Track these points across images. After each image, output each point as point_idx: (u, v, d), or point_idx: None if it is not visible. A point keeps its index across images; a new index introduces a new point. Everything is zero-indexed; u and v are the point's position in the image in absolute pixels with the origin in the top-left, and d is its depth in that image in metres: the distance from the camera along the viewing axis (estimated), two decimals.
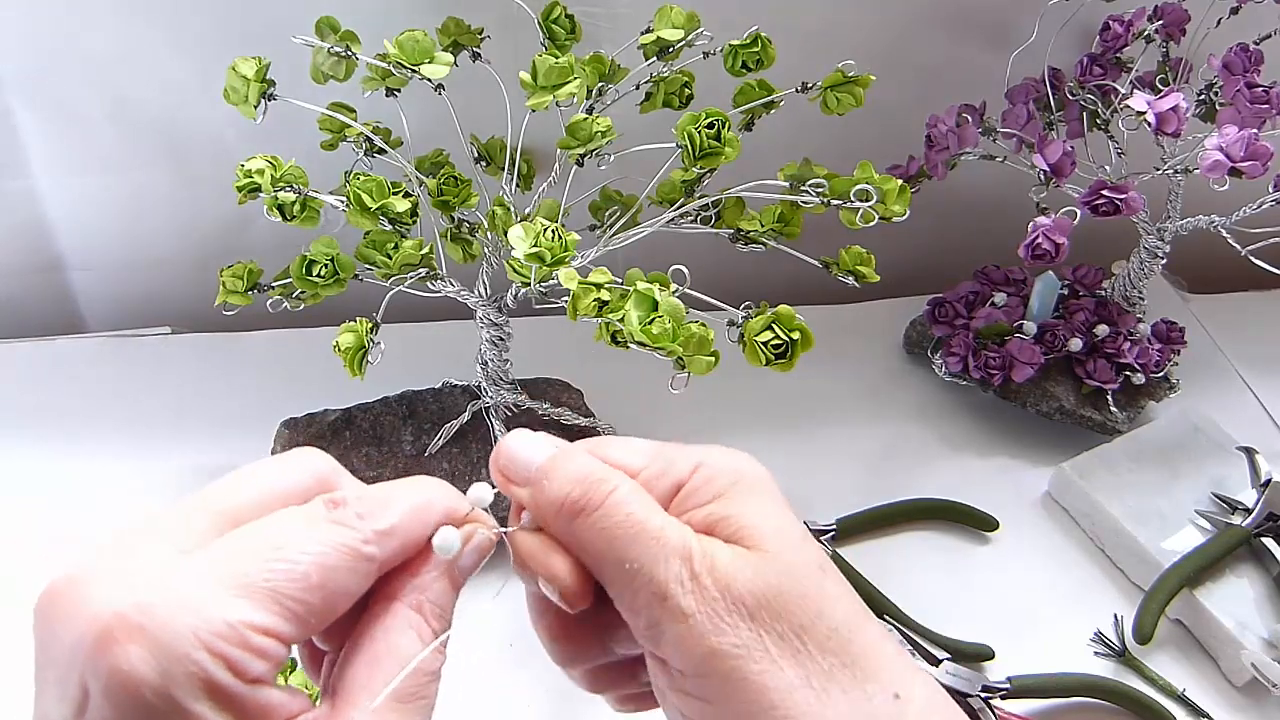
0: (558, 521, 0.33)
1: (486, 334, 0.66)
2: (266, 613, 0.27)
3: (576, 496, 0.33)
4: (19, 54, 0.72)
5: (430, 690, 0.31)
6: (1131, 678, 0.64)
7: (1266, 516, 0.69)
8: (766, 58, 0.61)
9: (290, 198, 0.56)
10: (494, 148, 0.67)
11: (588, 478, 0.33)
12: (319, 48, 0.59)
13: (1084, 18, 0.76)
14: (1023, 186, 0.72)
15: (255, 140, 0.63)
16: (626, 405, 0.74)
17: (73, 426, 0.75)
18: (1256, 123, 0.67)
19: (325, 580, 0.29)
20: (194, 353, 0.82)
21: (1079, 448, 0.75)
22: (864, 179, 0.57)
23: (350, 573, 0.30)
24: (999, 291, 0.83)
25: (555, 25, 0.62)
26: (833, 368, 0.83)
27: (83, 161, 0.78)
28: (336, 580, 0.29)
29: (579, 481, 0.33)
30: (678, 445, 0.35)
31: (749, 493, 0.33)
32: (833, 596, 0.31)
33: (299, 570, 0.28)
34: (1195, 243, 0.77)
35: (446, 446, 0.69)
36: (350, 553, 0.30)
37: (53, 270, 0.84)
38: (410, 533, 0.32)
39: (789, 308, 0.55)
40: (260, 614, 0.27)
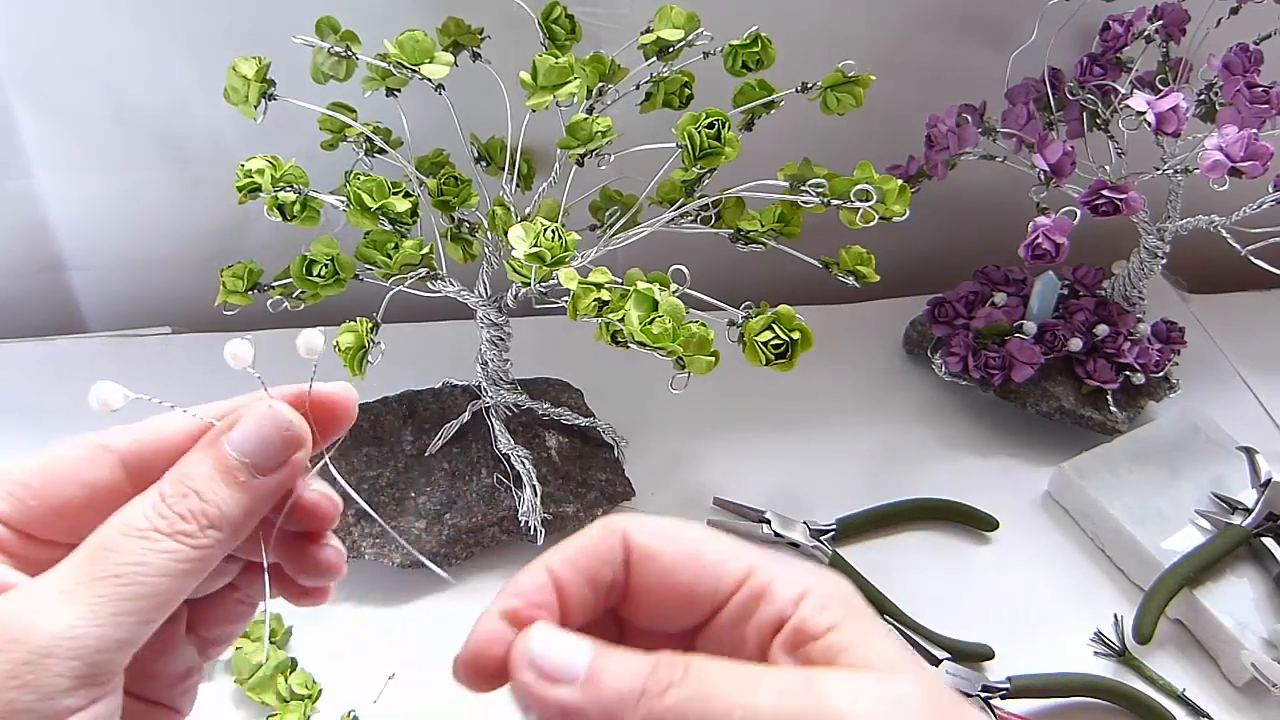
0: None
1: (486, 334, 0.66)
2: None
3: (649, 689, 0.26)
4: (19, 54, 0.72)
5: (144, 559, 0.28)
6: (1131, 678, 0.64)
7: (1266, 516, 0.69)
8: (766, 58, 0.61)
9: (290, 198, 0.56)
10: (494, 148, 0.67)
11: (649, 666, 0.26)
12: (319, 48, 0.59)
13: (1084, 18, 0.76)
14: (1023, 186, 0.72)
15: (255, 140, 0.63)
16: (626, 405, 0.74)
17: (73, 426, 0.74)
18: (1256, 123, 0.67)
19: (48, 465, 0.30)
20: (194, 353, 0.82)
21: (1079, 448, 0.75)
22: (864, 179, 0.57)
23: (83, 462, 0.30)
24: (999, 291, 0.83)
25: (555, 25, 0.62)
26: (833, 368, 0.83)
27: (83, 161, 0.78)
28: (59, 464, 0.30)
29: (638, 675, 0.26)
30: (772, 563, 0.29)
31: (861, 616, 0.28)
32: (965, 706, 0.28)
33: (23, 458, 0.30)
34: (1195, 243, 0.77)
35: (446, 446, 0.69)
36: (78, 440, 0.31)
37: (53, 270, 0.84)
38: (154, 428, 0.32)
39: (789, 308, 0.55)
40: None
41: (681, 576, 0.29)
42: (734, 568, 0.29)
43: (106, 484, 0.31)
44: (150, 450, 0.32)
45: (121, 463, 0.31)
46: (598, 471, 0.70)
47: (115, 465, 0.31)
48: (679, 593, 0.29)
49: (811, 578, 0.29)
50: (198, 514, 0.29)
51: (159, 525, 0.28)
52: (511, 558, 0.68)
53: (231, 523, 0.30)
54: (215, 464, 0.30)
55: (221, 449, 0.30)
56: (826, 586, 0.29)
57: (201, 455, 0.30)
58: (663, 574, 0.29)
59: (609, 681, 0.26)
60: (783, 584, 0.28)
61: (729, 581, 0.29)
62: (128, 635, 0.27)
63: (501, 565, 0.68)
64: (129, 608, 0.27)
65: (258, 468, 0.30)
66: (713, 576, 0.29)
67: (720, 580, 0.29)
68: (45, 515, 0.30)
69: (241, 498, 0.30)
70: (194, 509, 0.29)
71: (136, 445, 0.31)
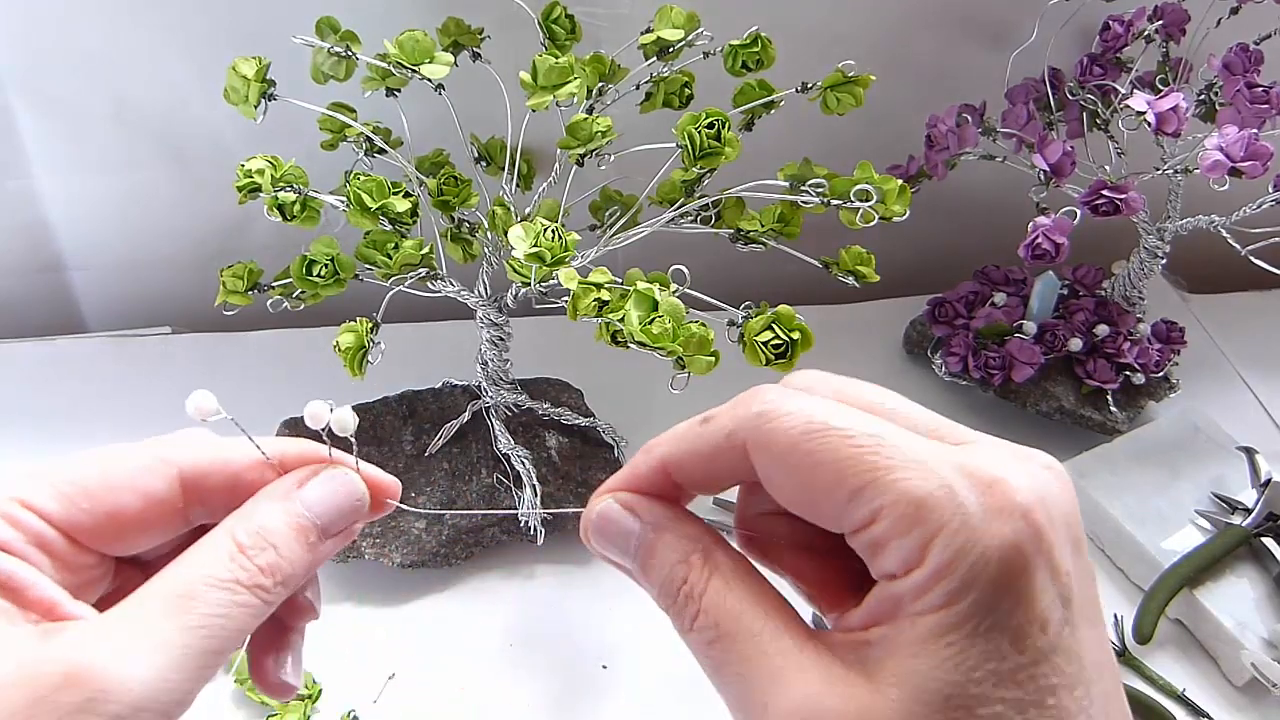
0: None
1: (486, 334, 0.66)
2: (28, 487, 0.28)
3: (675, 611, 0.28)
4: (19, 53, 0.72)
5: (225, 610, 0.28)
6: (1131, 678, 0.64)
7: (1266, 516, 0.69)
8: (766, 58, 0.61)
9: (290, 198, 0.56)
10: (494, 148, 0.67)
11: (675, 586, 0.28)
12: (319, 48, 0.59)
13: (1084, 18, 0.76)
14: (1023, 186, 0.72)
15: (255, 140, 0.63)
16: (626, 405, 0.74)
17: (73, 426, 0.75)
18: (1256, 123, 0.67)
19: (106, 468, 0.29)
20: (194, 353, 0.82)
21: (1079, 448, 0.75)
22: (864, 179, 0.57)
23: (142, 471, 0.30)
24: (999, 291, 0.83)
25: (555, 25, 0.62)
26: (833, 368, 0.83)
27: (83, 161, 0.78)
28: (119, 469, 0.29)
29: (668, 592, 0.29)
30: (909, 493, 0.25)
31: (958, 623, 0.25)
32: None
33: (78, 456, 0.29)
34: (1195, 243, 0.77)
35: (446, 446, 0.69)
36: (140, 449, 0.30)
37: (53, 270, 0.84)
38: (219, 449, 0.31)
39: (789, 308, 0.55)
40: (19, 487, 0.28)
41: (798, 508, 0.28)
42: (858, 512, 0.26)
43: (162, 497, 0.30)
44: (210, 472, 0.31)
45: (180, 478, 0.31)
46: (598, 471, 0.70)
47: (174, 480, 0.30)
48: (801, 511, 0.28)
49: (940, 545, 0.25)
50: (273, 569, 0.29)
51: (240, 578, 0.28)
52: (511, 558, 0.68)
53: (296, 581, 0.30)
54: (291, 521, 0.30)
55: (298, 507, 0.30)
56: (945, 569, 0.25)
57: (277, 508, 0.30)
58: (784, 498, 0.28)
59: (648, 583, 0.29)
60: (900, 545, 0.25)
61: (850, 524, 0.27)
62: (201, 686, 0.27)
63: (501, 565, 0.68)
64: (210, 660, 0.27)
65: (324, 531, 0.31)
66: (831, 516, 0.27)
67: (840, 519, 0.27)
68: (96, 520, 0.29)
69: (308, 558, 0.30)
70: (271, 564, 0.29)
71: (196, 464, 0.31)
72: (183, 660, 0.26)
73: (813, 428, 0.27)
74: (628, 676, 0.62)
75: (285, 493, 0.30)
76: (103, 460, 0.30)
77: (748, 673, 0.26)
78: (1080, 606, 0.26)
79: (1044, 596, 0.25)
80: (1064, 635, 0.25)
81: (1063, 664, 0.25)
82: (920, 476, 0.25)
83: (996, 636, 0.24)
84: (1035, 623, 0.25)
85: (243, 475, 0.31)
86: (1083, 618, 0.26)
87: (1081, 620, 0.26)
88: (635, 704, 0.61)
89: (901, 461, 0.26)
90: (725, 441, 0.29)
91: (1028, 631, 0.25)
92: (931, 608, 0.25)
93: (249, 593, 0.28)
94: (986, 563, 0.25)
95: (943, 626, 0.25)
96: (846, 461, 0.26)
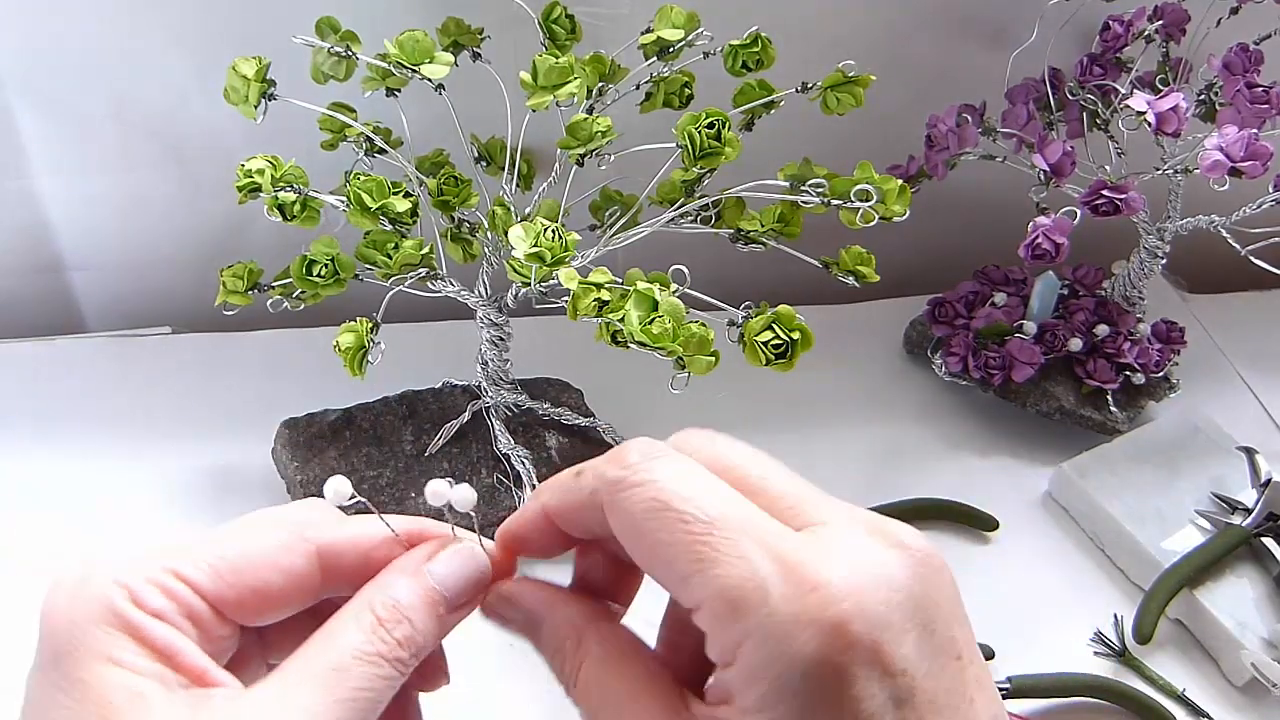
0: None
1: (486, 334, 0.66)
2: (181, 560, 0.29)
3: (557, 675, 0.31)
4: (19, 53, 0.72)
5: (371, 684, 0.29)
6: (1131, 678, 0.64)
7: (1266, 516, 0.69)
8: (766, 58, 0.61)
9: (290, 198, 0.56)
10: (494, 148, 0.67)
11: (556, 655, 0.31)
12: (319, 48, 0.59)
13: (1084, 18, 0.76)
14: (1023, 186, 0.72)
15: (255, 140, 0.63)
16: (626, 405, 0.74)
17: (73, 426, 0.75)
18: (1256, 123, 0.67)
19: (250, 545, 0.30)
20: (194, 353, 0.82)
21: (1079, 448, 0.75)
22: (864, 179, 0.57)
23: (283, 549, 0.31)
24: (999, 291, 0.83)
25: (555, 25, 0.62)
26: (833, 368, 0.83)
27: (83, 161, 0.78)
28: (262, 547, 0.30)
29: (553, 659, 0.31)
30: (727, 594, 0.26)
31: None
32: None
33: (222, 532, 0.31)
34: (1195, 243, 0.77)
35: (446, 446, 0.69)
36: (280, 524, 0.31)
37: (53, 270, 0.84)
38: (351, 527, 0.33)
39: (789, 308, 0.55)
40: (173, 560, 0.29)
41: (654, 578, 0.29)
42: (685, 595, 0.27)
43: (301, 573, 0.31)
44: (345, 551, 0.32)
45: (318, 554, 0.32)
46: None
47: (311, 556, 0.32)
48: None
49: (749, 650, 0.25)
50: (409, 641, 0.30)
51: (382, 650, 0.29)
52: None
53: (426, 651, 0.31)
54: (423, 594, 0.31)
55: (428, 581, 0.31)
56: (756, 673, 0.25)
57: (408, 582, 0.31)
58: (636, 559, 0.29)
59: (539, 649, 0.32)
60: (719, 640, 0.26)
61: (684, 602, 0.27)
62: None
63: None
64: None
65: (451, 603, 0.32)
66: (671, 589, 0.28)
67: (677, 596, 0.28)
68: (240, 595, 0.30)
69: (437, 630, 0.31)
70: (406, 636, 0.30)
71: (334, 543, 0.32)
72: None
73: (655, 506, 0.27)
74: None
75: (415, 567, 0.32)
76: (246, 536, 0.31)
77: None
78: (929, 695, 0.25)
79: (867, 703, 0.25)
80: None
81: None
82: (739, 574, 0.26)
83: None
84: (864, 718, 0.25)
85: (373, 553, 0.33)
86: (930, 707, 0.25)
87: (929, 710, 0.25)
88: None
89: (727, 554, 0.26)
90: (589, 499, 0.30)
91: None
92: (752, 708, 0.25)
93: (389, 665, 0.29)
94: (793, 673, 0.25)
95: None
96: (679, 546, 0.27)
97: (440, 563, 0.32)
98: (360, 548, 0.32)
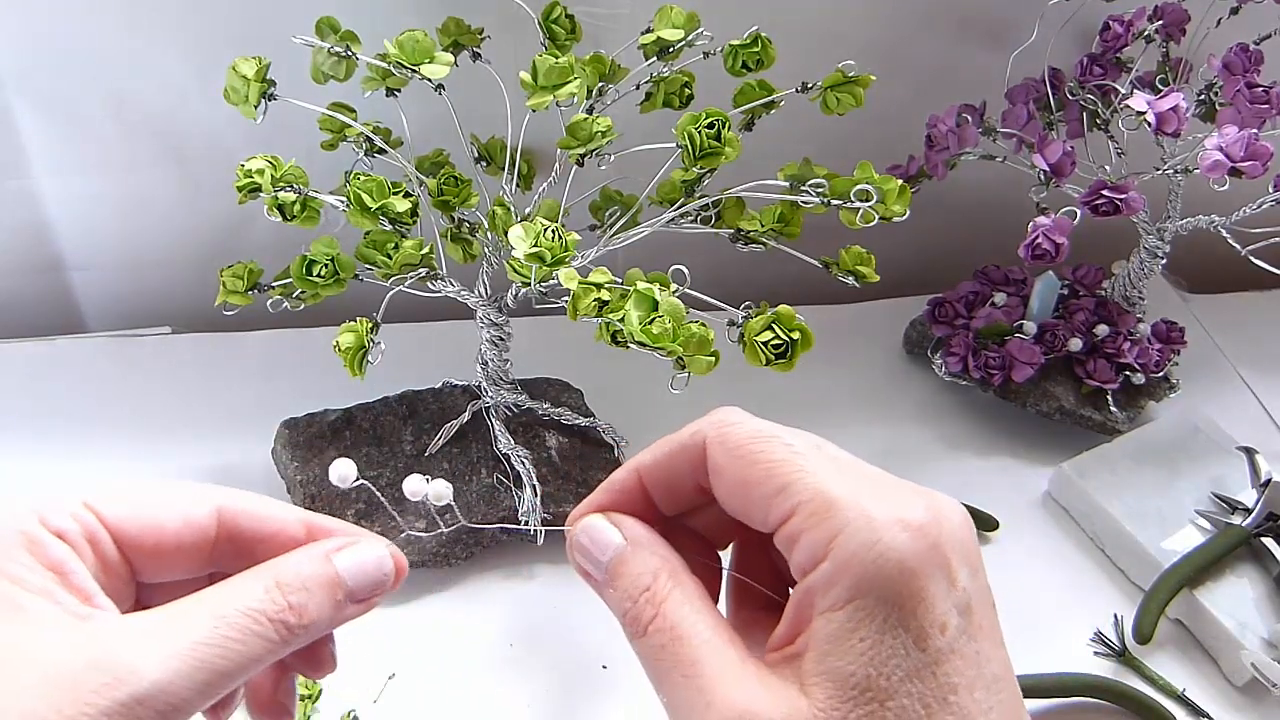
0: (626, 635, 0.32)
1: (486, 334, 0.66)
2: (93, 494, 0.32)
3: (631, 617, 0.32)
4: (19, 53, 0.72)
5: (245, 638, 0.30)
6: (1131, 678, 0.64)
7: (1266, 516, 0.69)
8: (766, 58, 0.61)
9: (290, 198, 0.56)
10: (494, 148, 0.67)
11: (639, 594, 0.32)
12: (319, 48, 0.59)
13: (1084, 18, 0.76)
14: (1023, 186, 0.72)
15: (255, 140, 0.63)
16: (626, 405, 0.74)
17: (73, 426, 0.75)
18: (1256, 123, 0.67)
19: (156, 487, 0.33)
20: (194, 353, 0.82)
21: (1079, 448, 0.75)
22: (864, 179, 0.57)
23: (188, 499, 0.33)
24: (999, 291, 0.83)
25: (555, 25, 0.62)
26: (833, 368, 0.83)
27: (83, 161, 0.78)
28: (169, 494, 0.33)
29: (631, 598, 0.32)
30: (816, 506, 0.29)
31: (865, 618, 0.28)
32: None
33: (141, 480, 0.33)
34: (1195, 243, 0.77)
35: (446, 446, 0.69)
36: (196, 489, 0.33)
37: (53, 270, 0.84)
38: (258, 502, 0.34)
39: (789, 308, 0.55)
40: (88, 493, 0.32)
41: (737, 500, 0.32)
42: (781, 505, 0.30)
43: (199, 524, 0.33)
44: (244, 515, 0.34)
45: (218, 513, 0.33)
46: (598, 471, 0.70)
47: (212, 513, 0.33)
48: (737, 509, 0.32)
49: (843, 541, 0.28)
50: (299, 610, 0.31)
51: (268, 610, 0.30)
52: (512, 558, 0.68)
53: (316, 630, 0.32)
54: (325, 576, 0.32)
55: (334, 568, 0.33)
56: (849, 562, 0.28)
57: (313, 561, 0.32)
58: (725, 491, 0.32)
59: (610, 599, 0.33)
60: (811, 538, 0.29)
61: (773, 518, 0.30)
62: (201, 699, 0.29)
63: (501, 565, 0.68)
64: (216, 679, 0.29)
65: (351, 595, 0.33)
66: (760, 510, 0.31)
67: (767, 514, 0.30)
68: (140, 529, 0.32)
69: (332, 614, 0.32)
70: (298, 604, 0.31)
71: (234, 506, 0.34)
72: (191, 671, 0.28)
73: (761, 433, 0.32)
74: (628, 677, 0.62)
75: (323, 553, 0.33)
76: (160, 484, 0.34)
77: (694, 675, 0.29)
78: (980, 622, 0.29)
79: (941, 603, 0.28)
80: (962, 642, 0.28)
81: (962, 666, 0.28)
82: (835, 483, 0.29)
83: (901, 634, 0.27)
84: (935, 625, 0.28)
85: (273, 533, 0.34)
86: (982, 633, 0.29)
87: (980, 634, 0.29)
88: (635, 704, 0.61)
89: (823, 472, 0.30)
90: (689, 439, 0.33)
91: (928, 632, 0.28)
92: (838, 603, 0.28)
93: (271, 626, 0.30)
94: (885, 562, 0.28)
95: (853, 621, 0.28)
96: (780, 462, 0.30)
97: (346, 555, 0.33)
98: (261, 521, 0.34)
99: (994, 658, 0.29)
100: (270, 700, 0.35)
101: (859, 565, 0.28)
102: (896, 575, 0.28)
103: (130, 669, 0.27)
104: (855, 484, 0.30)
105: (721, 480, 0.32)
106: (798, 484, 0.30)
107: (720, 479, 0.32)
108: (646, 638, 0.31)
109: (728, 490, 0.32)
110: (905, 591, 0.28)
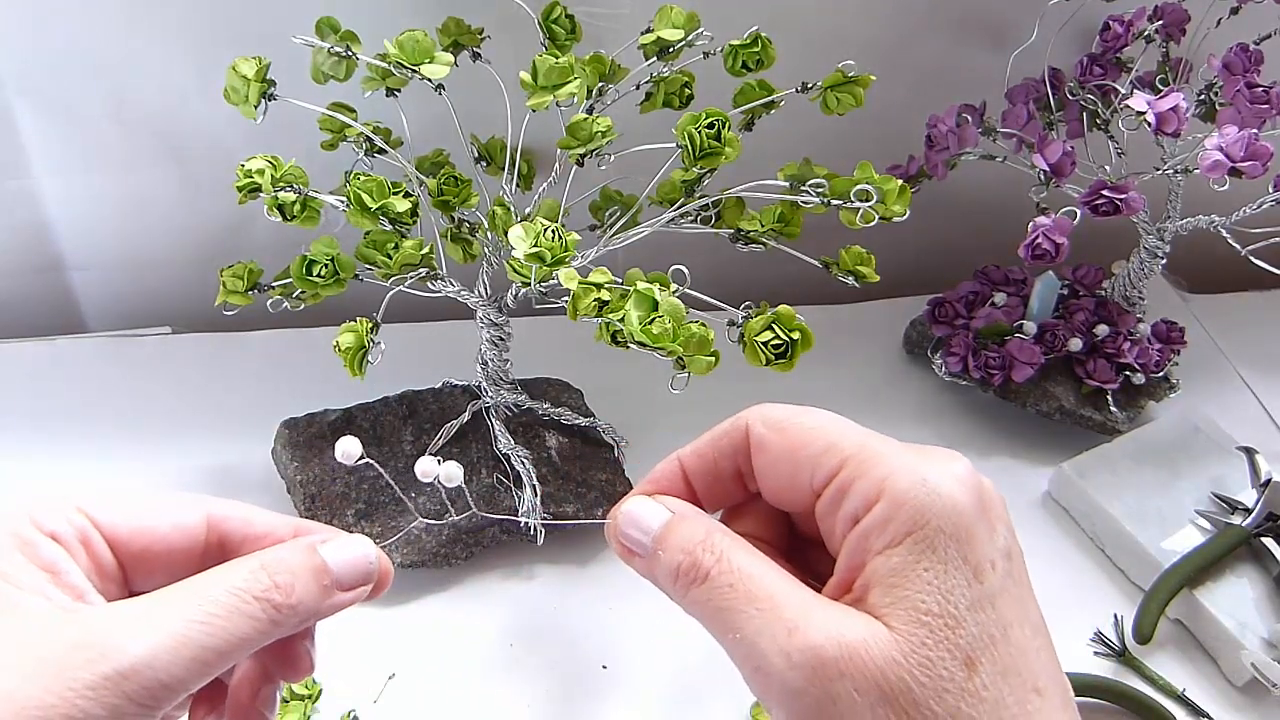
0: (676, 595, 0.32)
1: (486, 334, 0.66)
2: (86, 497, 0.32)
3: (687, 567, 0.31)
4: (19, 54, 0.72)
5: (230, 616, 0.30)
6: (1131, 678, 0.64)
7: (1266, 516, 0.69)
8: (766, 58, 0.61)
9: (290, 198, 0.56)
10: (494, 148, 0.67)
11: (696, 545, 0.32)
12: (319, 48, 0.59)
13: (1084, 18, 0.76)
14: (1023, 186, 0.72)
15: (255, 140, 0.63)
16: (626, 405, 0.74)
17: (73, 426, 0.75)
18: (1256, 123, 0.67)
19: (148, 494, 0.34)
20: (194, 353, 0.82)
21: (1079, 448, 0.75)
22: (864, 179, 0.57)
23: (178, 505, 0.34)
24: (999, 291, 0.83)
25: (555, 25, 0.62)
26: (833, 368, 0.83)
27: (83, 161, 0.78)
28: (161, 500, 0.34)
29: (688, 550, 0.32)
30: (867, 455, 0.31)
31: (925, 550, 0.29)
32: (981, 698, 0.28)
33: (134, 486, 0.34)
34: (1195, 243, 0.77)
35: (446, 446, 0.69)
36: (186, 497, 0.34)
37: (53, 270, 0.84)
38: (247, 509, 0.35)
39: (789, 308, 0.55)
40: (81, 497, 0.32)
41: (783, 468, 0.33)
42: (829, 461, 0.31)
43: (188, 528, 0.34)
44: (233, 519, 0.35)
45: (208, 519, 0.34)
46: (598, 471, 0.70)
47: (202, 520, 0.34)
48: (782, 483, 0.33)
49: (895, 480, 0.29)
50: (288, 590, 0.32)
51: (255, 590, 0.31)
52: (511, 558, 0.68)
53: (303, 613, 0.32)
54: (312, 564, 0.33)
55: (320, 557, 0.33)
56: (903, 497, 0.29)
57: (299, 551, 0.33)
58: (770, 465, 0.33)
59: (660, 560, 0.32)
60: (862, 484, 0.30)
61: (821, 476, 0.31)
62: (191, 678, 0.29)
63: (501, 565, 0.68)
64: (204, 656, 0.29)
65: (336, 583, 0.33)
66: (807, 471, 0.32)
67: (814, 473, 0.32)
68: (132, 532, 0.33)
69: (319, 599, 0.33)
70: (286, 584, 0.32)
71: (223, 512, 0.35)
72: (177, 646, 0.29)
73: (802, 408, 0.33)
74: (628, 676, 0.62)
75: (308, 544, 0.34)
76: (152, 492, 0.35)
77: (770, 607, 0.29)
78: (1019, 573, 0.30)
79: (991, 543, 0.29)
80: (1009, 583, 0.29)
81: (1013, 603, 0.29)
82: (878, 441, 0.31)
83: (961, 565, 0.29)
84: (987, 561, 0.29)
85: (261, 536, 0.35)
86: (1023, 583, 0.30)
87: (1022, 583, 0.30)
88: (635, 704, 0.61)
89: (865, 434, 0.32)
90: (731, 426, 0.34)
91: (984, 567, 0.29)
92: (896, 538, 0.29)
93: (257, 604, 0.31)
94: (939, 497, 0.29)
95: (914, 554, 0.29)
96: (825, 429, 0.32)
97: (331, 545, 0.34)
98: (249, 526, 0.35)
99: (1033, 606, 0.30)
100: (249, 707, 0.36)
101: (914, 500, 0.29)
102: (950, 510, 0.29)
103: (116, 646, 0.28)
104: (897, 445, 0.31)
105: (766, 454, 0.33)
106: (844, 440, 0.31)
107: (764, 454, 0.33)
108: (709, 581, 0.31)
109: (771, 462, 0.33)
110: (959, 525, 0.29)
